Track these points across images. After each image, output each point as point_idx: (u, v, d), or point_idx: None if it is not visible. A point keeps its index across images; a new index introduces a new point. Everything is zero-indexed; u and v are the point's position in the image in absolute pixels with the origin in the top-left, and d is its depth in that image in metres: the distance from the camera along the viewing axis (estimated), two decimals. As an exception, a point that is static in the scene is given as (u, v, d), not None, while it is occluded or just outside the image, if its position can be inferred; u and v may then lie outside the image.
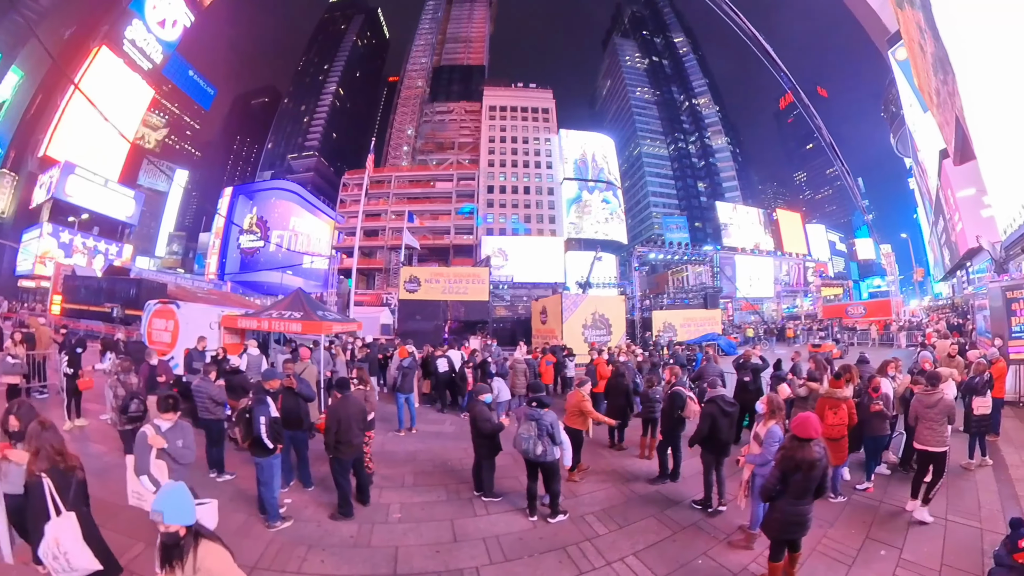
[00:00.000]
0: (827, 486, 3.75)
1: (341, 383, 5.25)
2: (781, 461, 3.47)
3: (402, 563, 3.99)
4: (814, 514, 3.62)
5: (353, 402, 5.08)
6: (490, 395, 5.54)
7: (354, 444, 4.93)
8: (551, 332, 16.57)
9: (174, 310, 10.81)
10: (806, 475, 3.36)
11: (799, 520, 3.46)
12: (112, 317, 24.35)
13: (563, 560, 4.03)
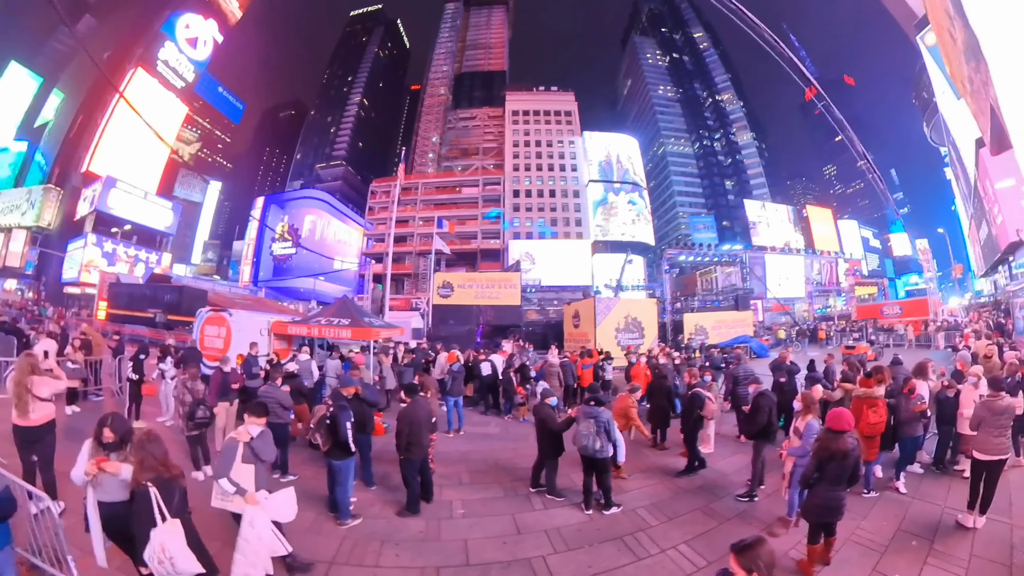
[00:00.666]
0: (859, 475, 4.17)
1: (410, 388, 5.69)
2: (818, 451, 3.93)
3: (473, 554, 4.36)
4: (849, 508, 4.04)
5: (422, 406, 5.52)
6: (555, 398, 5.95)
7: (423, 445, 5.34)
8: (584, 336, 16.98)
9: (226, 317, 11.38)
10: (840, 464, 3.81)
11: (835, 505, 3.89)
12: (155, 322, 25.54)
13: (621, 548, 4.46)
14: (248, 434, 3.97)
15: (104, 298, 31.85)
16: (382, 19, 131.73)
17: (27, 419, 4.69)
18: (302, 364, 9.20)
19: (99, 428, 3.53)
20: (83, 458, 3.46)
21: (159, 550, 3.11)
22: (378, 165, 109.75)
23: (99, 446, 3.49)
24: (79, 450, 3.50)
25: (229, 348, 10.80)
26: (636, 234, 57.35)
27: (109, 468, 3.36)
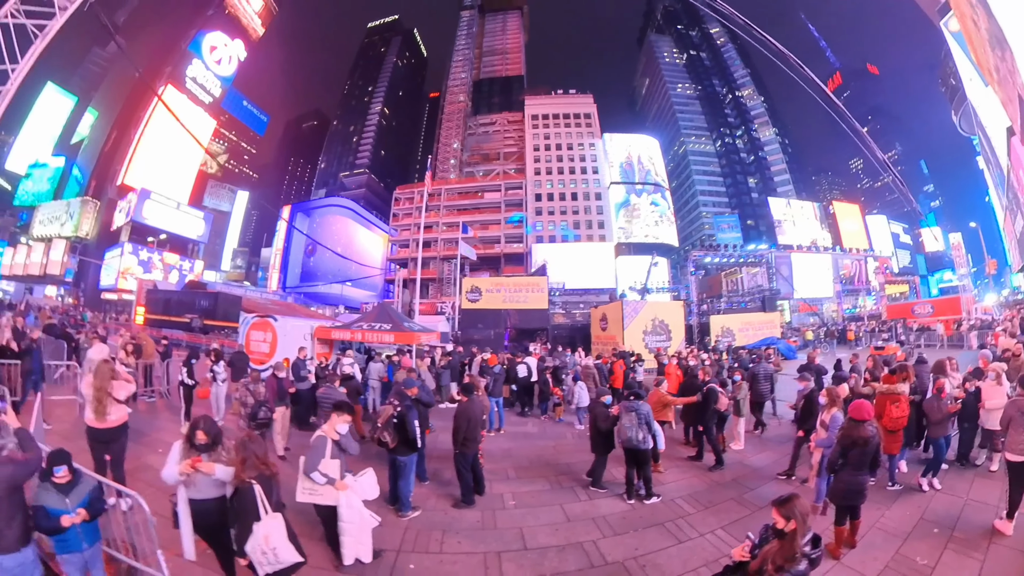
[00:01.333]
0: (880, 461, 4.60)
1: (467, 388, 6.15)
2: (841, 439, 4.40)
3: (529, 539, 4.76)
4: (874, 500, 4.44)
5: (477, 404, 5.98)
6: (610, 397, 6.42)
7: (477, 440, 5.76)
8: (612, 338, 17.34)
9: (272, 323, 11.91)
10: (862, 450, 4.27)
11: (858, 488, 4.33)
12: (191, 327, 26.48)
13: (663, 533, 4.92)
14: (336, 432, 4.34)
15: (142, 303, 33.13)
16: (399, 29, 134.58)
17: (104, 421, 5.02)
18: (344, 367, 9.63)
19: (192, 431, 3.73)
20: (174, 458, 3.67)
21: (263, 541, 3.33)
22: (400, 172, 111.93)
23: (191, 447, 3.68)
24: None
25: (275, 352, 11.39)
26: (660, 235, 57.06)
27: (204, 468, 3.56)
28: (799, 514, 2.56)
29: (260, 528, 3.31)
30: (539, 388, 10.26)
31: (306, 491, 4.16)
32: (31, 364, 8.19)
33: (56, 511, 3.12)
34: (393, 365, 10.51)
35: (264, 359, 11.28)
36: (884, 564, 4.29)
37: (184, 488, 3.62)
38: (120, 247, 54.69)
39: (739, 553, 2.71)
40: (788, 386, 9.91)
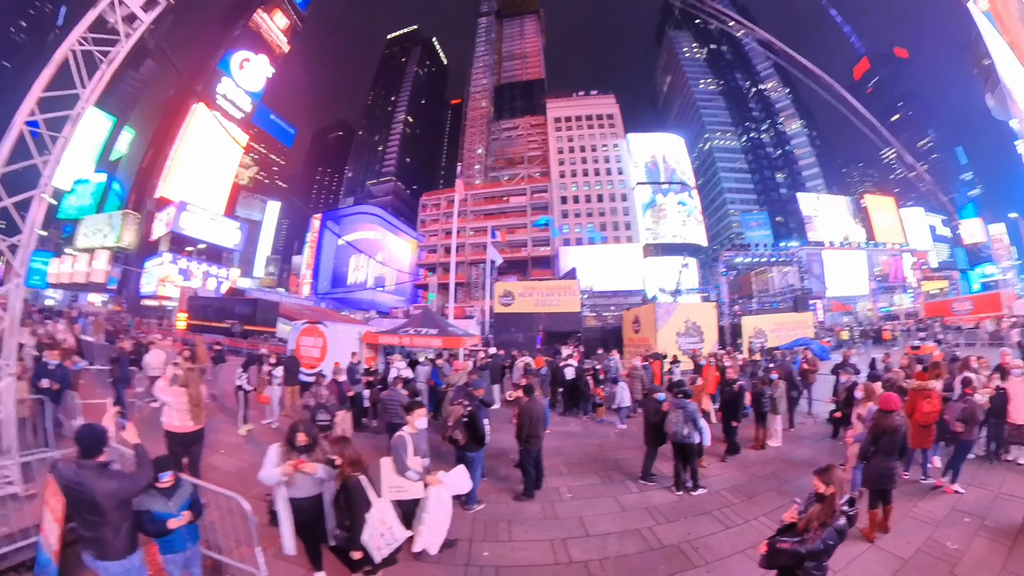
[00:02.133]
0: (907, 449, 5.08)
1: (528, 388, 6.61)
2: (872, 428, 4.93)
3: (590, 526, 5.27)
4: (907, 492, 4.88)
5: (538, 404, 6.40)
6: (663, 394, 6.85)
7: (539, 437, 6.17)
8: (645, 341, 17.68)
9: (322, 329, 12.32)
10: (891, 437, 4.78)
11: (888, 473, 4.83)
12: (232, 332, 27.44)
13: (712, 520, 5.44)
14: (416, 427, 4.75)
15: (184, 310, 34.62)
16: (418, 39, 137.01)
17: (188, 425, 5.43)
18: (399, 368, 10.15)
19: (292, 433, 3.97)
20: (272, 461, 3.91)
21: (380, 524, 3.67)
22: (426, 178, 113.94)
23: (291, 449, 3.93)
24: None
25: (325, 357, 11.76)
26: (687, 236, 56.55)
27: (307, 469, 3.80)
28: (836, 480, 3.09)
29: (375, 513, 3.67)
30: (581, 389, 10.79)
31: (393, 490, 4.41)
32: (120, 371, 8.89)
33: (162, 515, 3.32)
34: (438, 369, 10.99)
35: (315, 363, 11.69)
36: (916, 548, 4.71)
37: (285, 488, 3.88)
38: (160, 256, 57.90)
39: (789, 516, 3.21)
40: (823, 386, 10.29)
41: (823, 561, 2.90)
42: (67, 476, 3.06)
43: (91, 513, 3.00)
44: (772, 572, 3.17)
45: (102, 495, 2.97)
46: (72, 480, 3.02)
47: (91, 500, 2.98)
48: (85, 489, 2.98)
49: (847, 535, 4.54)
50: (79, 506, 3.04)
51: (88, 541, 3.04)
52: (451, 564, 4.46)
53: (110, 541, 3.02)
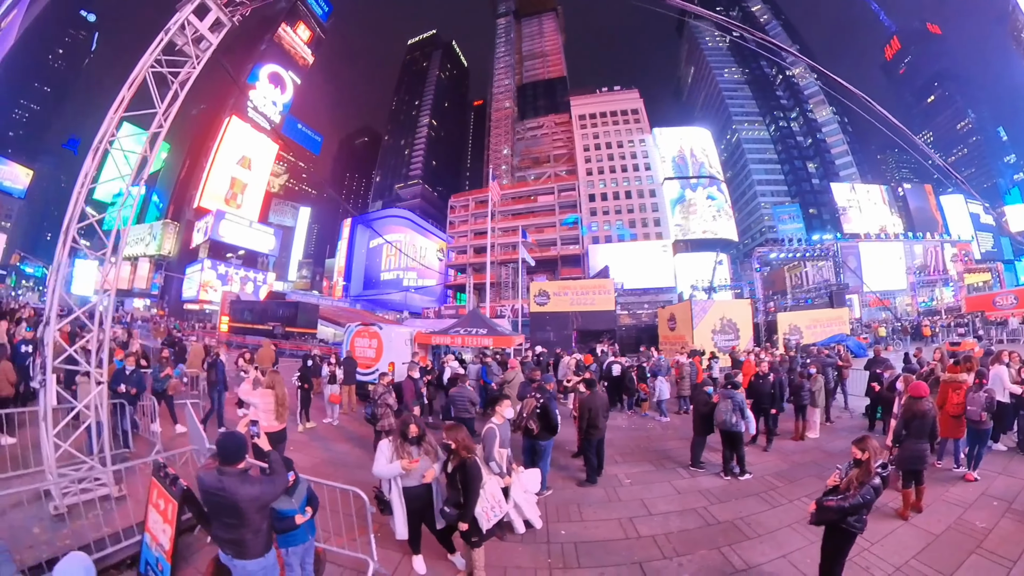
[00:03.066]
0: (937, 434, 5.69)
1: (590, 383, 7.26)
2: (903, 413, 5.59)
3: (651, 507, 5.86)
4: (939, 479, 5.49)
5: (599, 396, 6.92)
6: (711, 387, 7.50)
7: (600, 428, 6.68)
8: (681, 338, 18.13)
9: (377, 331, 12.83)
10: (921, 421, 5.42)
11: (920, 455, 5.45)
12: (274, 334, 28.51)
13: (759, 501, 6.09)
14: (503, 416, 5.17)
15: (226, 313, 35.92)
16: (438, 43, 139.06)
17: (273, 424, 5.88)
18: (455, 370, 10.72)
19: (404, 426, 4.33)
20: (386, 454, 4.25)
21: (491, 497, 4.14)
22: (452, 180, 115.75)
23: (404, 441, 4.28)
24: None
25: (380, 357, 12.35)
26: (718, 231, 55.85)
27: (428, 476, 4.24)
28: (871, 448, 3.76)
29: (488, 487, 4.15)
30: (626, 385, 11.47)
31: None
32: (216, 375, 9.44)
33: (287, 511, 3.51)
34: (486, 367, 11.62)
35: (370, 364, 12.36)
36: (947, 526, 5.27)
37: (400, 479, 4.25)
38: (200, 263, 61.04)
39: (832, 480, 3.85)
40: (859, 382, 10.78)
41: (863, 514, 3.59)
42: (209, 483, 3.14)
43: (232, 517, 3.11)
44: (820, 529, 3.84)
45: (244, 500, 3.07)
46: (214, 487, 3.11)
47: (233, 505, 3.08)
48: (227, 495, 3.07)
49: (883, 512, 5.25)
50: (220, 511, 3.14)
51: (227, 542, 3.16)
52: (534, 542, 5.08)
53: (249, 542, 3.14)
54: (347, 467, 7.34)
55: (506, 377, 9.59)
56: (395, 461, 4.21)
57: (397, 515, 4.24)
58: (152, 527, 4.02)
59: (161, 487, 4.09)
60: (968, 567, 4.40)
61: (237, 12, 6.24)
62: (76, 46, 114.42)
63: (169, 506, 3.88)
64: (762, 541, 5.00)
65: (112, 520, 4.74)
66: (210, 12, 5.92)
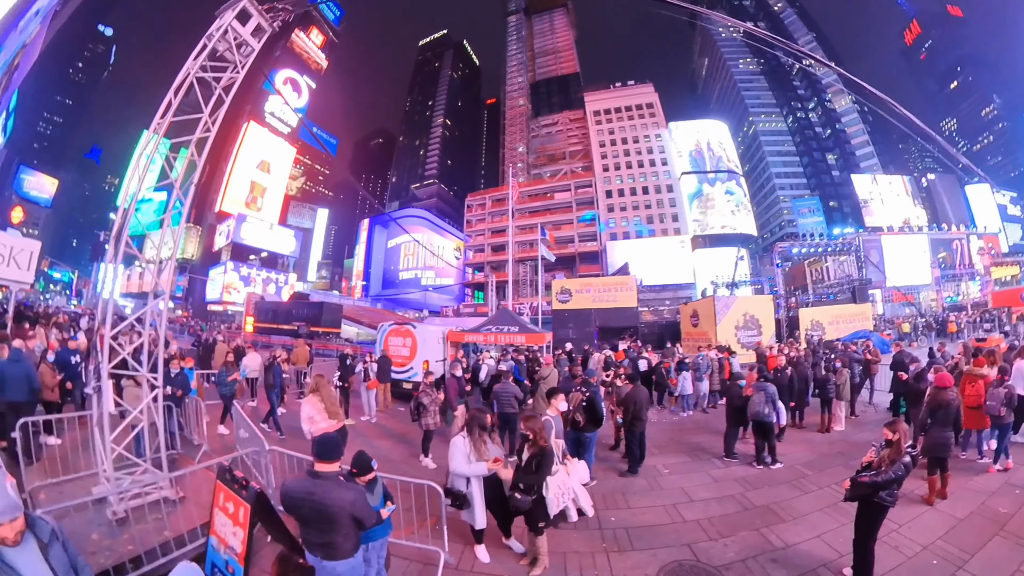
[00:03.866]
0: (961, 424, 6.12)
1: (632, 376, 7.77)
2: (929, 402, 5.99)
3: (691, 494, 6.37)
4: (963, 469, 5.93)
5: (642, 390, 7.42)
6: (743, 381, 7.99)
7: (643, 420, 7.11)
8: (704, 335, 18.41)
9: (411, 330, 13.32)
10: (945, 411, 5.85)
11: (944, 442, 5.85)
12: (298, 333, 28.76)
13: (791, 488, 6.52)
14: (558, 408, 5.59)
15: (250, 314, 36.60)
16: (449, 43, 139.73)
17: (333, 424, 6.14)
18: (490, 367, 11.22)
19: (481, 416, 4.63)
20: (462, 449, 4.47)
21: (561, 483, 4.40)
22: (467, 179, 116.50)
23: (482, 431, 4.57)
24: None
25: (415, 355, 12.80)
26: (737, 226, 55.47)
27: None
28: (901, 430, 4.18)
29: (557, 476, 4.42)
30: (656, 380, 11.91)
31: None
32: (273, 378, 9.75)
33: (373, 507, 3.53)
34: (518, 364, 11.96)
35: (405, 362, 12.81)
36: (970, 511, 5.64)
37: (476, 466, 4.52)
38: (223, 265, 62.71)
39: (867, 458, 4.28)
40: (884, 378, 11.12)
41: (894, 489, 4.02)
42: (297, 491, 3.19)
43: (324, 522, 3.14)
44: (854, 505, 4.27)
45: (337, 505, 3.09)
46: (303, 493, 3.15)
47: (324, 510, 3.10)
48: (318, 500, 3.10)
49: (910, 499, 5.66)
50: (310, 516, 3.16)
51: (316, 545, 3.19)
52: (586, 529, 5.48)
53: (340, 544, 3.16)
54: (392, 462, 7.76)
55: (542, 374, 10.09)
56: (475, 459, 4.44)
57: (477, 505, 4.46)
58: (219, 530, 3.94)
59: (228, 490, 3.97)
60: (990, 548, 4.79)
61: (278, 18, 6.31)
62: (95, 59, 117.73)
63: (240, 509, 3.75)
64: (797, 523, 5.45)
65: (176, 524, 4.81)
66: (251, 18, 5.98)
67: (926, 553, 4.71)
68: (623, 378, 8.14)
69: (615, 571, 4.56)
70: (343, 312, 38.47)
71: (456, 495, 4.53)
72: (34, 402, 7.08)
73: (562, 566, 4.62)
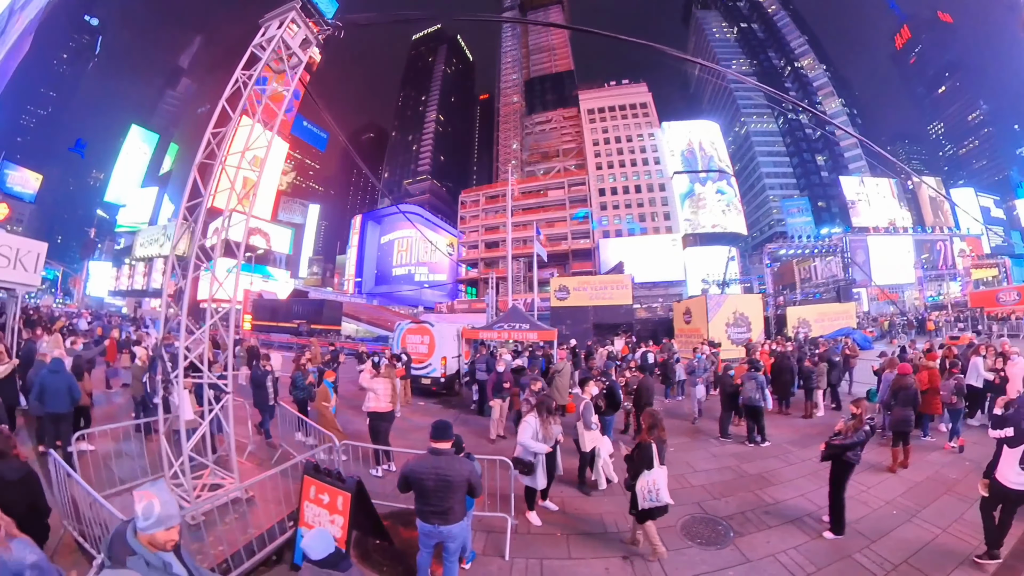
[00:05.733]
0: (919, 402, 7.32)
1: (643, 368, 8.95)
2: (892, 385, 7.27)
3: (695, 466, 7.42)
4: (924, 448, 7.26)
5: (650, 380, 8.92)
6: (733, 371, 9.13)
7: (652, 404, 8.24)
8: (697, 331, 19.42)
9: (429, 328, 13.80)
10: (906, 392, 7.10)
11: (906, 418, 7.05)
12: (299, 331, 29.63)
13: (778, 460, 7.64)
14: (590, 393, 6.68)
15: (248, 312, 36.49)
16: (443, 38, 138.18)
17: (387, 407, 7.17)
18: (508, 363, 11.45)
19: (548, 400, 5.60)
20: (533, 426, 5.30)
21: (651, 483, 4.54)
22: (460, 175, 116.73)
23: (549, 414, 5.44)
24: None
25: (433, 352, 13.33)
26: (727, 225, 56.48)
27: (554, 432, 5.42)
28: (863, 407, 5.30)
29: (650, 474, 4.59)
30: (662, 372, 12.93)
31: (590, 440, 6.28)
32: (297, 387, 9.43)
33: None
34: (534, 359, 12.67)
35: (423, 359, 13.33)
36: (926, 477, 6.81)
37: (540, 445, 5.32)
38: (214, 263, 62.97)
39: (838, 427, 5.34)
40: (862, 372, 12.32)
41: (858, 451, 5.11)
42: (422, 467, 3.68)
43: (445, 491, 3.61)
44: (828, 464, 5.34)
45: (459, 476, 3.63)
46: (429, 468, 3.64)
47: (448, 481, 3.60)
48: (442, 473, 3.60)
49: (876, 468, 6.78)
50: (433, 487, 3.62)
51: (434, 514, 3.65)
52: (611, 495, 6.48)
53: (456, 509, 3.66)
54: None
55: (556, 367, 11.04)
56: (541, 437, 5.32)
57: (539, 472, 5.31)
58: (311, 521, 4.24)
59: (321, 483, 4.28)
60: (939, 503, 5.94)
61: (325, 33, 6.54)
62: (80, 50, 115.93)
63: (339, 498, 4.10)
64: (784, 487, 6.58)
65: (256, 521, 5.00)
66: (299, 31, 6.09)
67: (887, 507, 5.84)
68: (633, 370, 9.15)
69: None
70: (343, 308, 38.83)
71: (524, 464, 5.30)
72: (73, 413, 6.95)
73: (601, 523, 5.65)
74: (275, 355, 12.30)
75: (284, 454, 7.43)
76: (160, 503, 2.10)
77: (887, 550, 4.80)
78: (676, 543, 5.11)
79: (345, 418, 9.02)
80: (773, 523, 5.46)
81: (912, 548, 4.81)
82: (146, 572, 2.03)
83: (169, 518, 2.13)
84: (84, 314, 32.78)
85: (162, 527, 2.10)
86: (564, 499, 6.20)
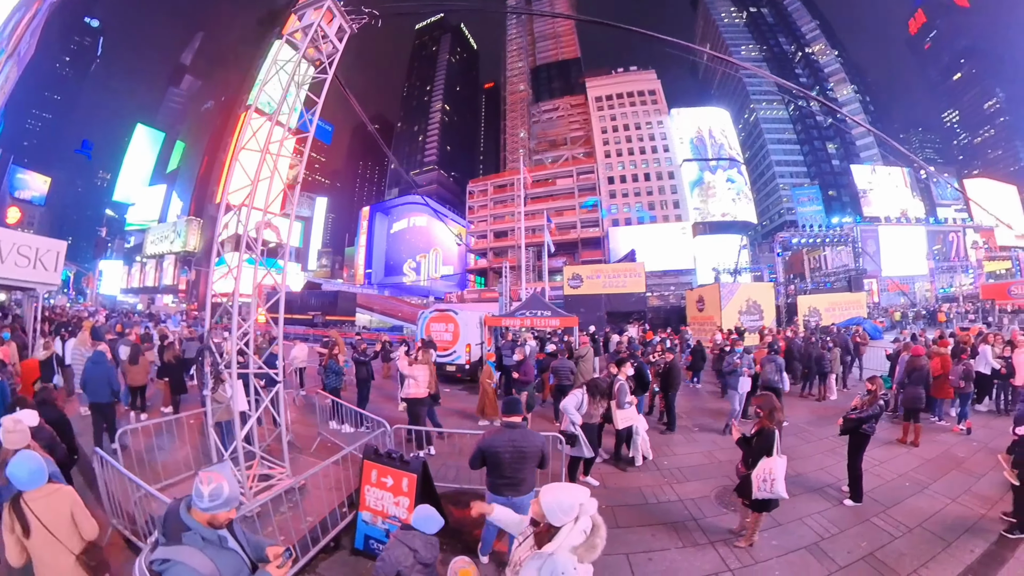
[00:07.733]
0: (931, 383, 7.80)
1: (672, 349, 9.42)
2: (906, 367, 7.77)
3: (720, 444, 7.77)
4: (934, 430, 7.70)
5: (679, 363, 9.41)
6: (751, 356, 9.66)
7: (677, 387, 8.99)
8: (710, 319, 19.89)
9: (454, 316, 13.98)
10: (918, 373, 7.62)
11: (917, 396, 7.57)
12: (314, 322, 30.15)
13: (797, 439, 8.00)
14: (625, 374, 6.98)
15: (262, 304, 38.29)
16: (447, 27, 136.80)
17: (424, 392, 7.55)
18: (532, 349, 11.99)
19: (602, 383, 6.24)
20: (578, 397, 5.89)
21: (768, 472, 4.32)
22: (467, 164, 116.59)
23: (601, 397, 6.11)
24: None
25: (458, 340, 13.64)
26: (737, 213, 55.92)
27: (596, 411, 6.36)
28: (877, 383, 5.75)
29: (768, 462, 4.38)
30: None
31: (624, 419, 6.66)
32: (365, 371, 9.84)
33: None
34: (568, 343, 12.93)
35: (448, 346, 13.61)
36: (936, 454, 7.29)
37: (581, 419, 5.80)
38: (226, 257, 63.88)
39: (854, 403, 5.82)
40: (873, 359, 12.74)
41: (872, 424, 5.59)
42: (500, 441, 3.85)
43: (520, 463, 3.80)
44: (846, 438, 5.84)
45: (533, 447, 3.84)
46: (506, 441, 3.82)
47: (523, 453, 3.80)
48: (518, 445, 3.80)
49: (890, 445, 7.26)
50: (508, 459, 3.79)
51: (506, 486, 3.81)
52: (647, 470, 6.96)
53: (528, 480, 3.83)
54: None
55: (580, 352, 11.48)
56: (585, 410, 5.86)
57: (583, 442, 5.70)
58: (373, 505, 4.37)
59: (383, 467, 4.41)
60: (948, 478, 6.41)
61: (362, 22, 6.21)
62: (82, 52, 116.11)
63: (404, 479, 4.23)
64: (804, 461, 7.08)
65: (312, 509, 4.98)
66: (334, 19, 5.80)
67: (900, 479, 6.33)
68: (660, 353, 9.61)
69: (681, 494, 6.09)
70: (356, 300, 39.46)
71: (569, 436, 5.77)
72: (114, 403, 7.30)
73: (641, 495, 6.14)
74: (300, 346, 12.65)
75: (323, 442, 7.77)
76: (228, 485, 2.18)
77: (902, 516, 5.29)
78: (713, 510, 5.66)
79: (375, 406, 9.50)
80: (796, 492, 5.92)
81: (925, 515, 5.30)
82: (202, 546, 2.12)
83: (234, 499, 2.21)
84: (100, 312, 33.59)
85: (227, 508, 2.18)
86: (603, 474, 6.69)
